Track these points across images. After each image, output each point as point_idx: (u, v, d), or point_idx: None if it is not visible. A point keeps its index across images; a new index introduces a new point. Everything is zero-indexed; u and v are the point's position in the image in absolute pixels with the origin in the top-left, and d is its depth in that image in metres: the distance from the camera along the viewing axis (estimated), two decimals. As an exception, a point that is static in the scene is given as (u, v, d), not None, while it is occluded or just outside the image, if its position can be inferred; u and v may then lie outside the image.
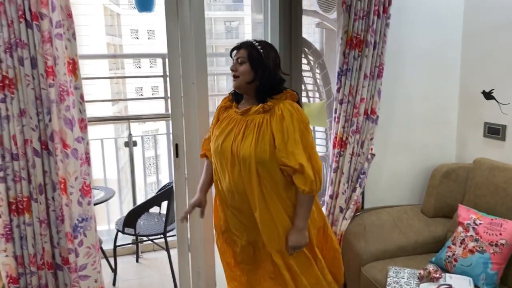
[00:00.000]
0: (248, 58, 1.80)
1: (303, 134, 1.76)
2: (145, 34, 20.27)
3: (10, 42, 1.86)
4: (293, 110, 1.77)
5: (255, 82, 1.80)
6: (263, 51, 1.80)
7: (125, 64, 19.01)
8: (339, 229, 2.53)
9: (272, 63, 1.81)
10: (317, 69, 3.15)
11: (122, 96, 17.41)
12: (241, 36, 19.60)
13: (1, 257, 1.97)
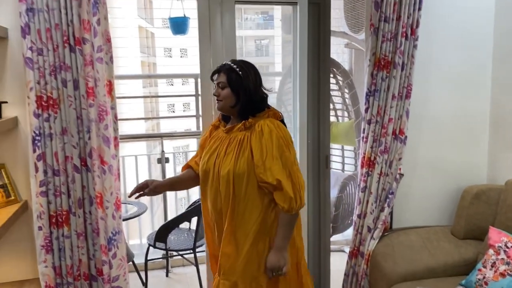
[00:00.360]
0: (228, 83, 1.82)
1: (283, 150, 1.76)
2: (178, 53, 20.80)
3: (55, 65, 1.99)
4: (272, 127, 1.77)
5: (238, 105, 1.83)
6: (242, 73, 1.82)
7: (158, 82, 19.53)
8: (367, 248, 2.53)
9: (252, 83, 1.83)
10: (345, 88, 3.19)
11: (155, 113, 17.85)
12: (271, 54, 19.83)
13: (41, 267, 2.07)
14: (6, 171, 2.10)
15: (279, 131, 1.77)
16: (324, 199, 2.67)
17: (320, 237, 2.72)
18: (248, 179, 1.75)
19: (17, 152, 2.12)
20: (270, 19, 19.78)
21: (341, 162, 3.54)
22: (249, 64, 1.88)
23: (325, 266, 2.75)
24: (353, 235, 2.58)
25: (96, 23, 2.00)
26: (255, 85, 1.84)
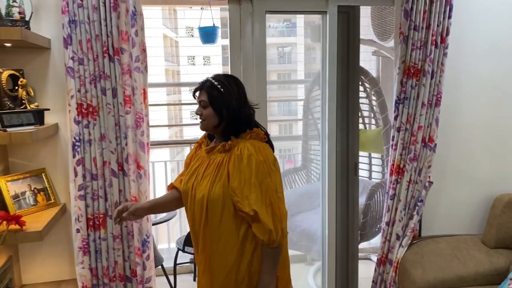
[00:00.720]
0: (209, 101, 1.68)
1: (263, 177, 1.59)
2: (201, 61, 21.06)
3: (94, 74, 2.08)
4: (253, 151, 1.60)
5: (222, 124, 1.69)
6: (224, 90, 1.67)
7: (182, 90, 19.83)
8: (395, 256, 2.53)
9: (235, 100, 1.68)
10: (373, 96, 3.21)
11: (178, 120, 18.11)
12: (293, 61, 19.89)
13: (78, 268, 2.15)
14: (47, 176, 2.19)
15: (260, 155, 1.61)
16: (353, 206, 2.68)
17: (348, 244, 2.72)
18: (224, 205, 1.61)
19: (57, 157, 2.22)
20: (292, 26, 19.85)
21: (368, 170, 3.54)
22: (233, 80, 1.74)
23: (353, 273, 2.75)
24: (382, 242, 2.58)
25: (134, 34, 2.09)
26: (239, 102, 1.69)
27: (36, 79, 2.14)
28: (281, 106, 10.21)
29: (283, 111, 10.29)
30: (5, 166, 2.14)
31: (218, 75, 1.74)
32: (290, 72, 16.38)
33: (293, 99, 9.24)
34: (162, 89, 14.80)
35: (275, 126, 8.74)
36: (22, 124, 1.88)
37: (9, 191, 2.01)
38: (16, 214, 1.85)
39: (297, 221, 3.21)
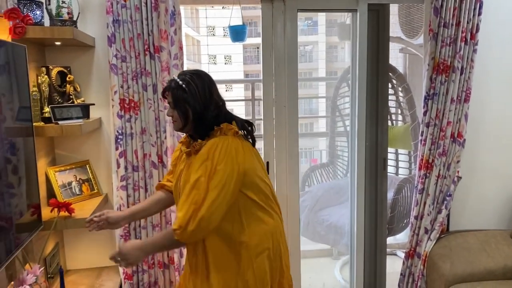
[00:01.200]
0: (173, 102, 1.66)
1: (201, 175, 1.54)
2: (222, 60, 21.20)
3: (136, 71, 2.20)
4: (209, 146, 1.58)
5: (189, 124, 1.67)
6: (188, 88, 1.63)
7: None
8: (424, 249, 2.58)
9: (201, 97, 1.64)
10: (401, 92, 3.25)
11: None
12: (315, 59, 19.87)
13: (120, 255, 2.27)
14: (91, 167, 2.32)
15: (212, 149, 1.57)
16: (381, 200, 2.73)
17: (376, 238, 2.78)
18: None
19: (100, 150, 2.34)
20: (314, 24, 19.83)
21: (395, 166, 3.58)
22: (198, 76, 1.68)
23: (381, 267, 2.80)
24: (410, 236, 2.63)
25: (173, 33, 2.19)
26: (204, 100, 1.64)
27: (82, 75, 2.26)
28: (302, 104, 10.25)
29: (303, 110, 10.30)
30: (52, 158, 2.28)
31: (183, 72, 1.72)
32: (311, 70, 16.33)
33: (314, 96, 9.25)
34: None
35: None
36: (71, 117, 2.00)
37: (57, 181, 2.14)
38: (66, 202, 1.98)
39: (324, 215, 3.29)
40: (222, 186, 1.53)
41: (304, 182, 3.65)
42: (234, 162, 1.56)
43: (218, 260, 1.62)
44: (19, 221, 1.66)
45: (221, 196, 1.53)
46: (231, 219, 1.61)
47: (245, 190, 1.62)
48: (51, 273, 2.13)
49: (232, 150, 1.57)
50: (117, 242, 2.27)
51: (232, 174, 1.55)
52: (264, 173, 1.73)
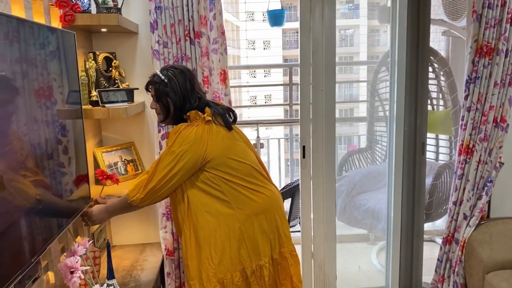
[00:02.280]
0: (155, 96, 1.81)
1: (162, 156, 1.74)
2: (261, 45, 21.15)
3: (177, 56, 2.27)
4: (171, 132, 1.76)
5: (170, 116, 1.81)
6: (169, 83, 1.76)
7: (242, 74, 20.11)
8: (462, 235, 2.55)
9: (181, 91, 1.77)
10: (442, 77, 3.17)
11: (238, 103, 18.49)
12: (356, 44, 19.48)
13: (162, 232, 2.39)
14: (135, 148, 2.44)
15: (172, 132, 1.75)
16: (419, 185, 2.71)
17: (413, 223, 2.76)
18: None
19: (144, 132, 2.45)
20: (355, 8, 19.38)
21: (434, 152, 3.52)
22: (178, 70, 1.80)
23: (417, 252, 2.79)
24: (448, 221, 2.60)
25: (212, 18, 2.25)
26: (184, 93, 1.78)
27: (126, 61, 2.37)
28: (342, 89, 10.11)
29: (343, 95, 10.17)
30: (100, 139, 2.41)
31: (165, 67, 1.84)
32: (352, 54, 16.03)
33: (354, 81, 9.11)
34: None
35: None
36: (117, 101, 2.11)
37: (104, 161, 2.26)
38: (112, 174, 2.09)
39: (361, 200, 3.29)
40: (173, 165, 1.70)
41: (341, 167, 3.66)
42: (191, 146, 1.70)
43: (208, 235, 1.74)
44: (69, 198, 1.79)
45: (171, 173, 1.70)
46: (216, 199, 1.75)
47: (218, 172, 1.75)
48: (99, 247, 2.27)
49: (190, 135, 1.71)
50: (160, 220, 2.38)
51: (184, 156, 1.70)
52: (242, 154, 1.83)
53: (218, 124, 1.80)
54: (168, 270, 2.41)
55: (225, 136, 1.80)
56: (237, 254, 1.76)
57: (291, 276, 1.89)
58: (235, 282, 1.75)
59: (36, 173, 1.48)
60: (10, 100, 1.33)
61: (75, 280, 1.59)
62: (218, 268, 1.73)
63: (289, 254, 1.89)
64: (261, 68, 19.39)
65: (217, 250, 1.73)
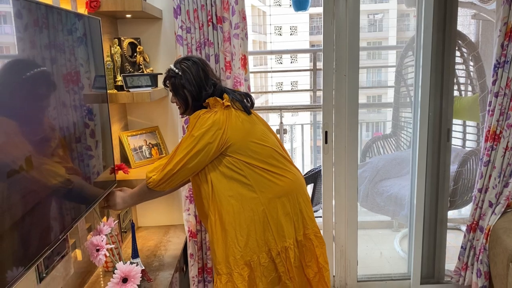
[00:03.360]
0: (173, 90, 1.85)
1: (182, 140, 1.78)
2: (288, 30, 20.96)
3: (200, 41, 2.30)
4: (191, 118, 1.79)
5: (190, 108, 1.84)
6: (183, 75, 1.80)
7: (267, 60, 20.01)
8: (487, 223, 2.51)
9: (196, 80, 1.81)
10: (471, 61, 3.09)
11: (264, 89, 18.41)
12: (385, 29, 19.03)
13: (185, 215, 2.45)
14: (159, 133, 2.49)
15: (192, 118, 1.78)
16: (444, 172, 2.67)
17: (437, 210, 2.73)
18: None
19: (167, 116, 2.50)
20: (385, -8, 18.90)
21: (462, 138, 3.45)
22: (192, 61, 1.83)
23: (441, 240, 2.76)
24: (473, 209, 2.56)
25: (234, 3, 2.26)
26: (200, 82, 1.81)
27: (150, 46, 2.41)
28: (370, 75, 9.92)
29: (371, 81, 10.01)
30: (125, 124, 2.47)
31: (177, 60, 1.87)
32: (381, 40, 15.70)
33: (380, 66, 8.93)
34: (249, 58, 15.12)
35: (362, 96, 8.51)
36: (141, 86, 2.16)
37: (129, 145, 2.33)
38: (121, 164, 2.16)
39: (385, 186, 3.27)
40: (191, 148, 1.73)
41: (365, 153, 3.63)
42: (210, 130, 1.72)
43: (233, 219, 1.76)
44: (96, 179, 1.85)
45: (188, 156, 1.73)
46: (239, 184, 1.77)
47: (240, 156, 1.77)
48: (124, 228, 2.35)
49: (209, 119, 1.74)
50: (183, 203, 2.44)
51: (203, 140, 1.72)
52: (263, 137, 1.84)
53: (237, 109, 1.82)
54: (191, 252, 2.47)
55: (245, 120, 1.82)
56: (262, 236, 1.78)
57: (316, 257, 1.91)
58: (262, 263, 1.78)
59: (65, 155, 1.54)
60: (42, 86, 1.38)
61: (100, 258, 1.66)
62: (244, 251, 1.76)
63: (313, 236, 1.91)
64: (282, 53, 19.20)
65: (243, 233, 1.76)
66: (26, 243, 1.28)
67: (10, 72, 1.23)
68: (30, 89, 1.32)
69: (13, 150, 1.23)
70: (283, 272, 1.82)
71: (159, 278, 2.02)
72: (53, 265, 1.51)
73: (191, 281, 2.50)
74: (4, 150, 1.18)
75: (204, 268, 2.56)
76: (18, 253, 1.24)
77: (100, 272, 2.04)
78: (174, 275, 2.14)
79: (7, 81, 1.21)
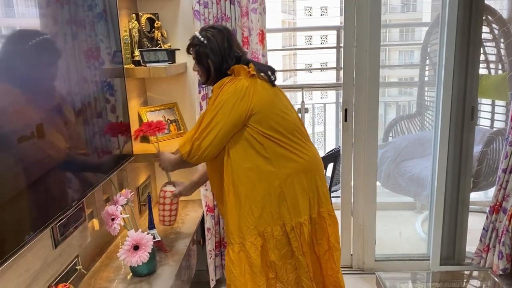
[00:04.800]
0: (196, 58, 1.82)
1: (207, 109, 1.76)
2: (318, 12, 20.59)
3: (217, 16, 2.29)
4: (217, 85, 1.77)
5: (212, 76, 1.82)
6: (208, 43, 1.78)
7: (297, 40, 19.75)
8: (511, 204, 2.43)
9: (220, 50, 1.78)
10: (501, 38, 2.97)
11: (292, 66, 18.24)
12: (419, 9, 18.41)
13: (203, 190, 2.48)
14: (177, 109, 2.52)
15: (218, 85, 1.77)
16: (466, 152, 2.59)
17: (458, 191, 2.66)
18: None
19: (186, 93, 2.52)
20: (419, -30, 18.24)
21: (490, 119, 3.33)
22: (218, 30, 1.81)
23: (462, 221, 2.70)
24: (496, 190, 2.49)
25: (252, -23, 2.23)
26: (224, 53, 1.79)
27: (168, 22, 2.42)
28: (402, 56, 9.65)
29: (404, 61, 9.74)
30: (144, 99, 2.51)
31: (204, 28, 1.83)
32: (415, 20, 15.20)
33: (411, 43, 8.66)
34: (278, 38, 14.93)
35: (393, 77, 8.28)
36: (158, 60, 2.18)
37: (148, 120, 2.36)
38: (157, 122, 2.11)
39: (407, 167, 3.21)
40: (215, 114, 1.71)
41: (387, 133, 3.56)
42: (235, 96, 1.70)
43: (249, 191, 1.76)
44: (112, 154, 1.90)
45: (213, 123, 1.71)
46: (258, 156, 1.77)
47: (261, 128, 1.75)
48: (143, 201, 2.41)
49: (233, 87, 1.72)
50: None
51: (227, 107, 1.70)
52: (286, 110, 1.83)
53: (262, 79, 1.80)
54: (208, 226, 2.52)
55: (270, 90, 1.80)
56: (277, 209, 1.79)
57: (328, 236, 1.91)
58: (275, 236, 1.80)
59: (83, 126, 1.59)
60: (62, 61, 1.42)
61: (115, 227, 1.72)
62: (258, 221, 1.77)
63: (327, 214, 1.91)
64: (302, 30, 18.81)
65: (258, 205, 1.77)
66: (42, 205, 1.35)
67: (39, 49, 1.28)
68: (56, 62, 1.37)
69: (34, 115, 1.29)
70: (297, 247, 1.83)
71: (175, 248, 2.07)
72: (70, 232, 1.57)
73: (208, 254, 2.55)
74: (27, 115, 1.23)
75: (221, 242, 2.60)
76: (33, 213, 1.30)
77: (120, 243, 2.11)
78: (191, 247, 2.19)
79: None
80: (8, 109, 1.19)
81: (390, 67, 5.61)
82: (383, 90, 5.10)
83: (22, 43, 1.28)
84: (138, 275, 1.79)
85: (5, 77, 1.20)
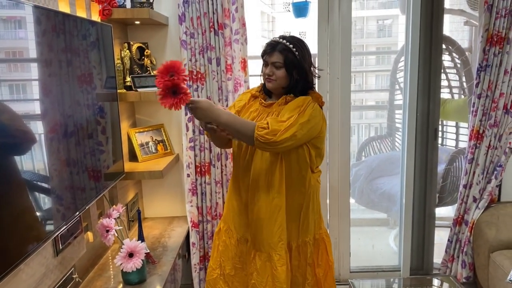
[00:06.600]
0: (284, 64, 1.77)
1: (302, 111, 1.73)
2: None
3: (203, 46, 2.50)
4: (306, 99, 1.76)
5: (291, 85, 1.82)
6: (299, 53, 1.77)
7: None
8: (471, 217, 2.66)
9: (307, 64, 1.81)
10: (461, 66, 3.25)
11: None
12: (394, 34, 19.04)
13: (188, 206, 2.64)
14: (164, 130, 2.69)
15: (310, 108, 1.75)
16: (431, 169, 2.83)
17: (425, 206, 2.88)
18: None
19: (172, 115, 2.70)
20: (393, -2, 18.97)
21: (454, 139, 3.60)
22: (303, 43, 1.82)
23: (429, 234, 2.90)
24: (458, 204, 2.72)
25: (234, 11, 2.45)
26: (309, 66, 1.82)
27: (157, 50, 2.61)
28: (379, 80, 9.99)
29: (381, 85, 10.08)
30: (133, 121, 2.68)
31: (287, 37, 1.79)
32: (390, 45, 15.73)
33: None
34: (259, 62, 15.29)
35: (370, 101, 8.57)
36: (148, 86, 2.36)
37: (137, 140, 2.53)
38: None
39: (378, 184, 3.44)
40: (303, 123, 1.71)
41: (360, 152, 3.80)
42: (317, 117, 1.77)
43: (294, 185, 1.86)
44: (106, 171, 2.06)
45: (299, 131, 1.70)
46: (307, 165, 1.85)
47: (312, 150, 1.84)
48: (132, 217, 2.55)
49: (317, 109, 1.79)
50: (186, 195, 2.63)
51: (311, 122, 1.74)
52: None
53: None
54: (193, 241, 2.66)
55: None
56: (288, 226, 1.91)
57: (327, 255, 2.03)
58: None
59: (80, 148, 1.75)
60: (58, 85, 1.59)
61: (110, 237, 1.86)
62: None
63: (325, 235, 2.05)
64: None
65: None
66: (48, 216, 1.49)
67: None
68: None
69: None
70: (295, 266, 1.95)
71: (163, 261, 2.21)
72: (69, 242, 1.71)
73: (193, 268, 2.69)
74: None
75: (206, 256, 2.74)
76: (39, 224, 1.45)
77: (110, 256, 2.24)
78: (177, 260, 2.34)
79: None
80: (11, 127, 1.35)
81: (368, 91, 5.92)
82: (360, 113, 5.38)
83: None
84: (130, 284, 1.93)
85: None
